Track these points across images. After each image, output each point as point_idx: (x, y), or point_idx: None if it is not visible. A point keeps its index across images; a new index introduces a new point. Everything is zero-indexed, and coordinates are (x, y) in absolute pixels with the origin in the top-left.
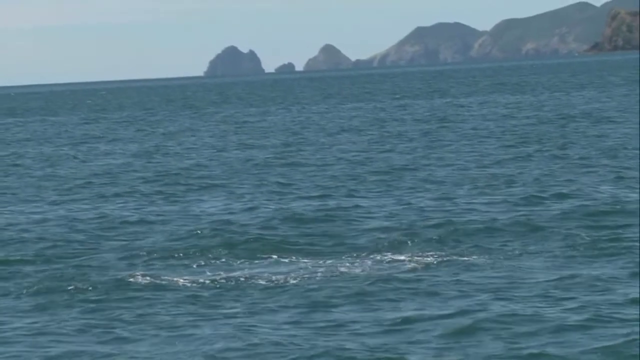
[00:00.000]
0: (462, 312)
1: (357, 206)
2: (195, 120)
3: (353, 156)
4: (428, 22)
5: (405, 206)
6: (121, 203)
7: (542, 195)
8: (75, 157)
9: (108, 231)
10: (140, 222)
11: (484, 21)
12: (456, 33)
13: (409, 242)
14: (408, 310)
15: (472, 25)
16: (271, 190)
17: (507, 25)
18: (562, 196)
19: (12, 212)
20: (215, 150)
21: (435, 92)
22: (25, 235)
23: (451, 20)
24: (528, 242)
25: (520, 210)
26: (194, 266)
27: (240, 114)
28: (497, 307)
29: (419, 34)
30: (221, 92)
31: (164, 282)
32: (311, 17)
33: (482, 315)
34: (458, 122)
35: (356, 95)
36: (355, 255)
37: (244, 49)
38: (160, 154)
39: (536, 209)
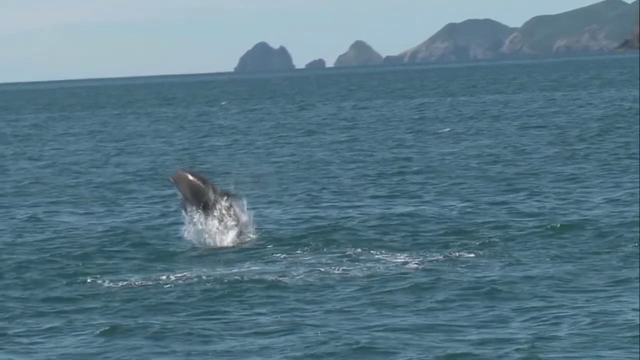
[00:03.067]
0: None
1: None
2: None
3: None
4: (459, 18)
5: None
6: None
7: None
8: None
9: None
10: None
11: (514, 18)
12: (487, 30)
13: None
14: None
15: (503, 22)
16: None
17: (538, 22)
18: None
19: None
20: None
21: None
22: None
23: (482, 17)
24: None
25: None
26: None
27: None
28: None
29: (450, 30)
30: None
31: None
32: (342, 13)
33: None
34: None
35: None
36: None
37: (274, 45)
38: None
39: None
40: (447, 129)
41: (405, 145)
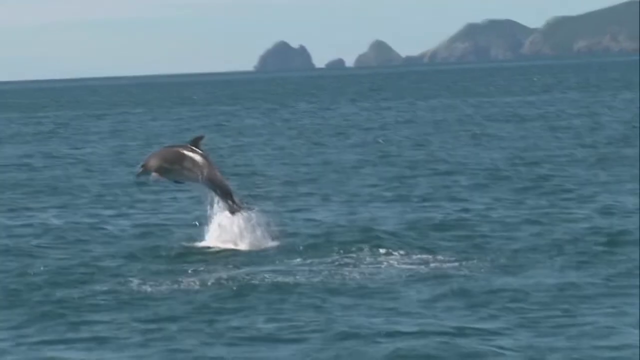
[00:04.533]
0: None
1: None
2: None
3: None
4: (479, 18)
5: None
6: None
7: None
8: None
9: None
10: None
11: (535, 18)
12: (507, 30)
13: None
14: None
15: (523, 23)
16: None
17: (558, 23)
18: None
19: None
20: None
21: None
22: None
23: (502, 17)
24: None
25: None
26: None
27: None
28: None
29: (470, 30)
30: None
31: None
32: (361, 13)
33: None
34: None
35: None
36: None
37: (294, 44)
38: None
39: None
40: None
41: (435, 147)
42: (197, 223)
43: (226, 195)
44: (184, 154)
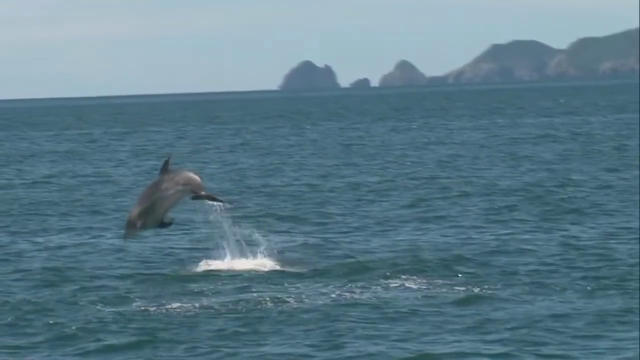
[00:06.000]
0: None
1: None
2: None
3: None
4: (504, 39)
5: None
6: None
7: None
8: None
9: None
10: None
11: (560, 39)
12: (532, 51)
13: None
14: None
15: (548, 43)
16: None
17: (583, 44)
18: None
19: None
20: None
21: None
22: None
23: (527, 38)
24: None
25: None
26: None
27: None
28: None
29: (495, 51)
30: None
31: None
32: (387, 33)
33: None
34: None
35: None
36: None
37: (319, 63)
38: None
39: None
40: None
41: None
42: (207, 246)
43: (209, 196)
44: (156, 183)
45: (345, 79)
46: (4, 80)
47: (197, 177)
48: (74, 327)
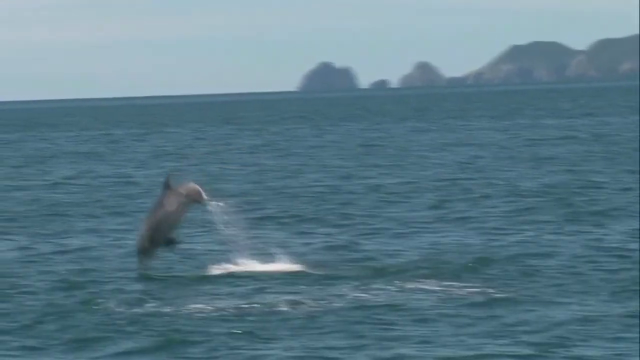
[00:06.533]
0: None
1: None
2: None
3: None
4: (523, 40)
5: None
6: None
7: None
8: None
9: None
10: None
11: (579, 40)
12: (551, 52)
13: None
14: None
15: (568, 45)
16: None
17: (603, 45)
18: None
19: None
20: None
21: None
22: None
23: (547, 39)
24: None
25: None
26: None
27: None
28: None
29: (514, 52)
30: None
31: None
32: (406, 34)
33: None
34: None
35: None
36: None
37: (338, 64)
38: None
39: None
40: None
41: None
42: (226, 248)
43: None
44: (158, 202)
45: (364, 80)
46: (24, 81)
47: (196, 187)
48: (90, 329)
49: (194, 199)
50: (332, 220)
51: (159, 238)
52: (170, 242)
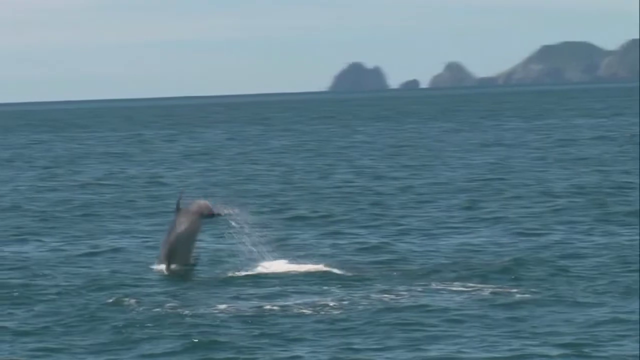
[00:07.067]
0: None
1: None
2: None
3: None
4: (554, 40)
5: None
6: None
7: None
8: None
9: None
10: None
11: (610, 40)
12: (582, 52)
13: None
14: None
15: (599, 45)
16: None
17: (634, 45)
18: None
19: None
20: None
21: None
22: None
23: (578, 39)
24: None
25: None
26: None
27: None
28: None
29: (545, 52)
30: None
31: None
32: (437, 34)
33: None
34: None
35: None
36: None
37: (369, 64)
38: None
39: None
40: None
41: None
42: (255, 249)
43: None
44: (172, 223)
45: (394, 80)
46: (54, 82)
47: (205, 203)
48: (117, 332)
49: (205, 215)
50: (362, 221)
51: (179, 257)
52: (187, 263)
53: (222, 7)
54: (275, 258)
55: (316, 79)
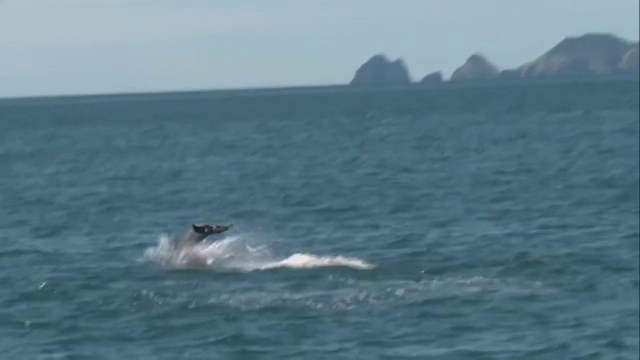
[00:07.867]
0: None
1: None
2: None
3: None
4: (577, 32)
5: None
6: None
7: None
8: None
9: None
10: None
11: (633, 33)
12: (605, 45)
13: None
14: None
15: (622, 37)
16: None
17: None
18: None
19: None
20: None
21: None
22: None
23: (601, 31)
24: None
25: None
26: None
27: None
28: None
29: (568, 44)
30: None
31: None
32: (459, 26)
33: None
34: None
35: None
36: None
37: (391, 57)
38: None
39: None
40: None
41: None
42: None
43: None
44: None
45: (417, 73)
46: (80, 77)
47: (205, 225)
48: (137, 322)
49: (208, 233)
50: (387, 214)
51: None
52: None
53: (244, 2)
54: (300, 252)
55: (339, 72)
